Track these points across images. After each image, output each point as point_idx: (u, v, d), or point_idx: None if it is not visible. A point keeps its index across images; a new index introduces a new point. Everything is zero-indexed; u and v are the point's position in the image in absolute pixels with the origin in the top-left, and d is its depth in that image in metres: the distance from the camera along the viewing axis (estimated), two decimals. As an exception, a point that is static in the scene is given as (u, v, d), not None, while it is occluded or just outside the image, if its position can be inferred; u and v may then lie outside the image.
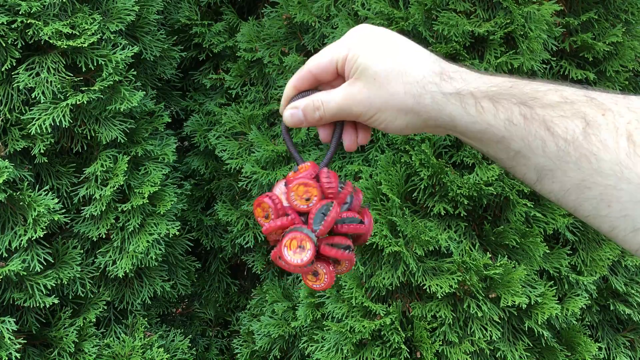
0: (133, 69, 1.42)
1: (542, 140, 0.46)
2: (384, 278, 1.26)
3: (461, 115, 0.51)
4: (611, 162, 0.43)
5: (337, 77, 0.59)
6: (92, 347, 1.41)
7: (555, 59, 1.29)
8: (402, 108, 0.53)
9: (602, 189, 0.43)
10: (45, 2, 1.27)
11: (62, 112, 1.29)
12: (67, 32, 1.28)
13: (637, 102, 0.45)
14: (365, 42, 0.55)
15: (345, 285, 1.30)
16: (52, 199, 1.33)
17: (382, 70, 0.53)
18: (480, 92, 0.50)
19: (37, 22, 1.26)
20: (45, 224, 1.30)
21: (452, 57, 1.20)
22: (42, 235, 1.30)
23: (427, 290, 1.24)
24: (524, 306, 1.24)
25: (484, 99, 0.50)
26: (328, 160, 0.61)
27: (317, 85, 0.60)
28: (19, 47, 1.27)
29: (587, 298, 1.32)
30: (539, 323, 1.26)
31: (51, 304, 1.33)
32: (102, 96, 1.34)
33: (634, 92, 1.36)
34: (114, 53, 1.35)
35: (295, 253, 0.55)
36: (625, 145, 0.42)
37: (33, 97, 1.29)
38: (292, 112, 0.59)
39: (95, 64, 1.33)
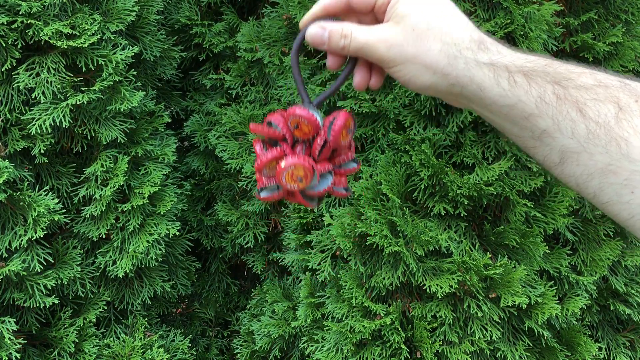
0: (133, 69, 1.42)
1: (572, 122, 0.46)
2: (384, 278, 1.26)
3: (492, 86, 0.50)
4: None
5: (369, 14, 0.56)
6: (92, 347, 1.41)
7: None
8: (432, 65, 0.51)
9: (628, 174, 0.43)
10: (45, 2, 1.27)
11: (62, 112, 1.29)
12: (67, 33, 1.28)
13: None
14: None
15: (346, 286, 1.30)
16: (52, 199, 1.33)
17: (423, 22, 0.52)
18: (515, 66, 0.50)
19: (37, 22, 1.26)
20: (45, 224, 1.30)
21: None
22: (42, 236, 1.30)
23: (427, 290, 1.24)
24: (524, 306, 1.24)
25: (518, 73, 0.49)
26: (331, 92, 0.59)
27: (346, 15, 0.57)
28: (19, 47, 1.27)
29: (587, 298, 1.33)
30: (539, 323, 1.26)
31: (51, 304, 1.33)
32: (102, 96, 1.34)
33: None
34: (114, 53, 1.35)
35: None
36: None
37: (33, 97, 1.28)
38: (318, 30, 0.56)
39: (95, 64, 1.33)
